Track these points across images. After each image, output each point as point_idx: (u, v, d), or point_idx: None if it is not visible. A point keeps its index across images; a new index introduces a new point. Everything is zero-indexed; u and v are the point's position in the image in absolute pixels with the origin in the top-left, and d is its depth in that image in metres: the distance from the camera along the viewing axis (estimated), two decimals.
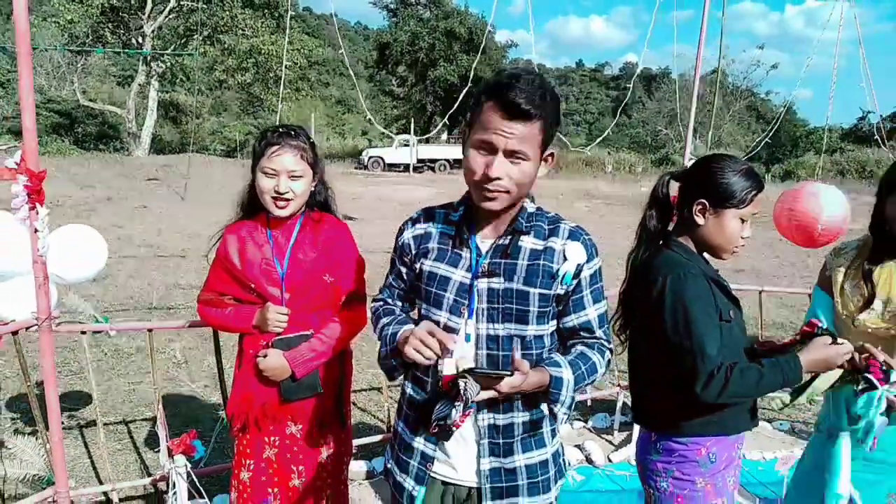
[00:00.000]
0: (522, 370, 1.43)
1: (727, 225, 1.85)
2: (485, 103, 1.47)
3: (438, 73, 39.80)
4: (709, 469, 1.86)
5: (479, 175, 1.49)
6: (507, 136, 1.43)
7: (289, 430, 2.19)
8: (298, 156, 2.11)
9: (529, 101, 1.42)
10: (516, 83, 1.42)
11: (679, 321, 1.74)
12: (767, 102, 49.26)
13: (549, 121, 1.48)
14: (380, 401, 4.39)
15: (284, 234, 2.20)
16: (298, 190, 2.12)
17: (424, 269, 1.66)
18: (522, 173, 1.49)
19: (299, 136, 2.14)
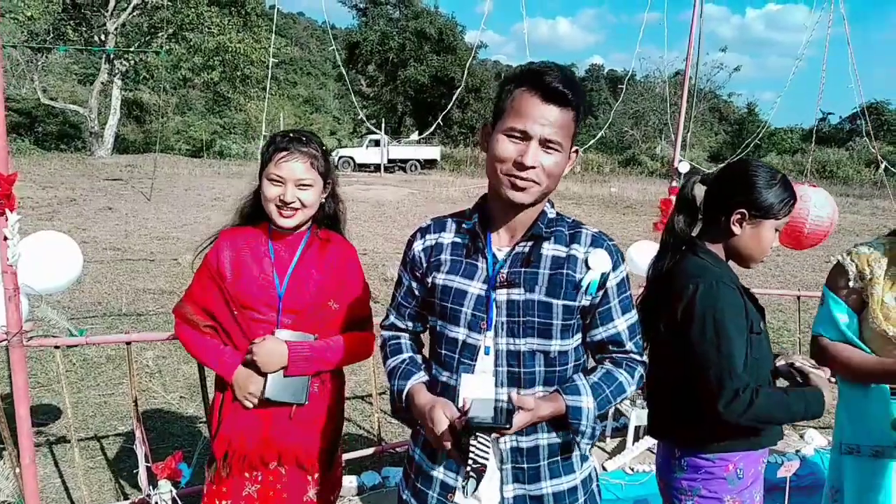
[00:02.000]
0: (526, 407, 1.34)
1: (764, 236, 1.80)
2: (516, 90, 1.41)
3: (409, 74, 39.70)
4: (736, 486, 1.79)
5: (511, 163, 1.40)
6: (542, 122, 1.37)
7: (272, 465, 2.02)
8: (308, 163, 1.95)
9: (568, 85, 1.37)
10: (552, 70, 1.39)
11: (708, 332, 1.67)
12: (730, 104, 50.28)
13: (581, 113, 1.43)
14: (365, 410, 4.27)
15: (287, 250, 2.04)
16: (307, 200, 1.97)
17: (438, 283, 1.55)
18: (555, 164, 1.41)
19: (311, 143, 1.99)
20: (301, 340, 1.97)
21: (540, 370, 1.46)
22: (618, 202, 20.73)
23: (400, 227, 13.91)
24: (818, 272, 10.72)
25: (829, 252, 11.45)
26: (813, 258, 11.14)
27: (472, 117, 40.68)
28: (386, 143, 30.39)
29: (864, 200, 23.11)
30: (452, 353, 1.51)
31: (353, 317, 2.08)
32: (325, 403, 2.06)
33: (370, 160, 31.16)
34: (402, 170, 32.25)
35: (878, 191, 25.40)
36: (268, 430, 1.98)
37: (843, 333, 1.98)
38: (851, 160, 35.59)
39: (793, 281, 9.77)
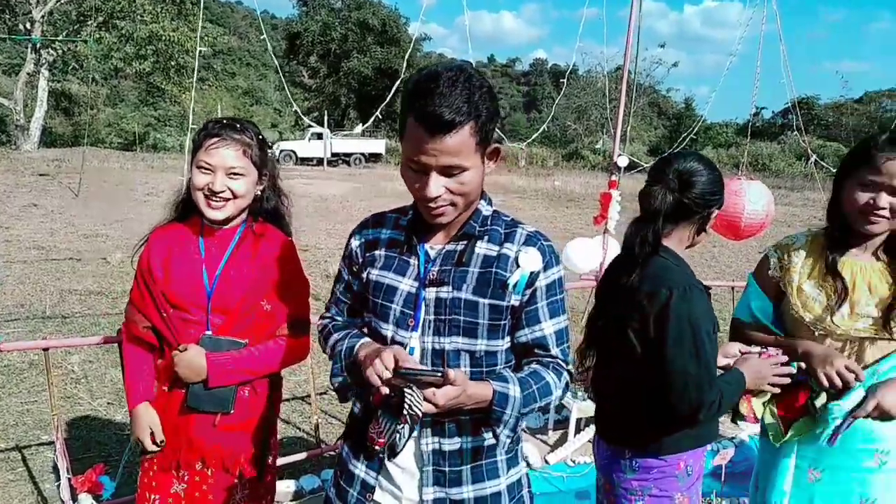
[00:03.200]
0: (456, 381, 1.26)
1: (709, 225, 1.86)
2: (407, 115, 1.31)
3: (352, 65, 39.23)
4: (685, 482, 1.81)
5: (418, 194, 1.36)
6: (435, 153, 1.28)
7: (198, 466, 1.92)
8: (241, 151, 1.85)
9: (452, 108, 1.24)
10: (436, 88, 1.25)
11: (686, 342, 1.64)
12: (668, 99, 51.75)
13: (483, 117, 1.30)
14: (305, 411, 4.15)
15: (219, 246, 1.93)
16: (238, 190, 1.86)
17: (371, 278, 1.51)
18: (462, 184, 1.34)
19: (245, 130, 1.89)
20: (226, 350, 1.87)
21: (465, 370, 1.41)
22: (561, 196, 21.03)
23: (343, 222, 13.71)
24: (752, 262, 11.04)
25: (763, 243, 11.88)
26: (747, 249, 11.51)
27: None
28: (329, 137, 29.91)
29: (795, 192, 24.13)
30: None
31: (289, 318, 1.99)
32: (256, 409, 1.96)
33: (313, 154, 30.66)
34: (346, 163, 31.86)
35: (808, 183, 26.62)
36: (191, 433, 1.89)
37: (757, 319, 2.02)
38: (783, 153, 37.18)
39: (727, 272, 10.09)
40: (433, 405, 1.26)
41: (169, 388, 1.91)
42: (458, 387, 1.27)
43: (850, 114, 43.42)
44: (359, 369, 1.39)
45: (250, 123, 1.95)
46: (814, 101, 45.51)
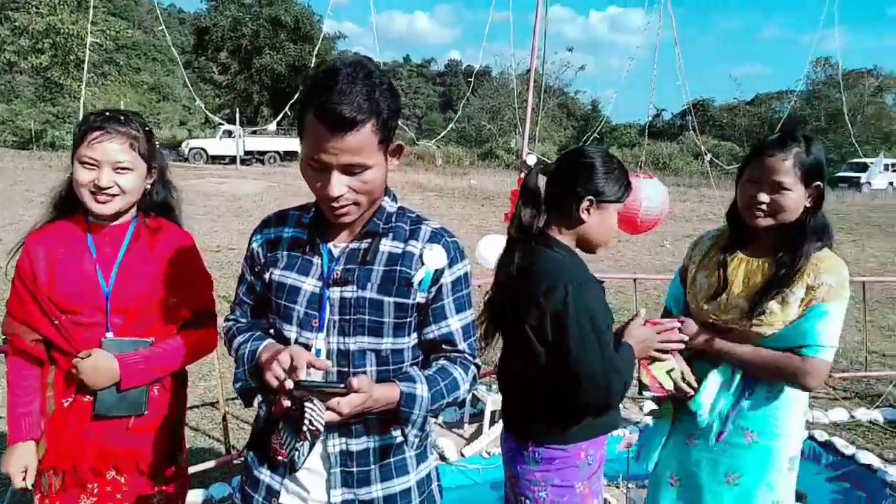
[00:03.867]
0: (361, 389, 1.25)
1: (610, 220, 1.85)
2: (305, 112, 1.29)
3: (264, 62, 38.17)
4: (586, 472, 1.84)
5: (319, 193, 1.35)
6: (335, 152, 1.27)
7: (110, 475, 1.84)
8: (127, 144, 1.77)
9: (353, 106, 1.23)
10: (335, 84, 1.24)
11: (588, 337, 1.68)
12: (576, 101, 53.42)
13: (384, 115, 1.30)
14: (215, 417, 4.04)
15: (111, 244, 1.84)
16: (126, 185, 1.78)
17: (273, 279, 1.48)
18: (365, 183, 1.33)
19: (130, 122, 1.80)
20: (134, 350, 1.81)
21: (371, 370, 1.42)
22: (477, 194, 21.28)
23: (257, 221, 13.27)
24: (652, 255, 11.67)
25: (662, 237, 12.52)
26: (648, 243, 12.08)
27: None
28: (241, 135, 28.98)
29: (692, 189, 25.45)
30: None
31: (193, 311, 1.95)
32: (166, 407, 1.91)
33: (225, 152, 29.63)
34: (261, 162, 30.98)
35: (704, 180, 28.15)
36: (102, 441, 1.81)
37: (673, 305, 2.17)
38: (681, 153, 39.13)
39: (631, 265, 10.53)
40: (338, 414, 1.26)
41: (71, 400, 1.81)
42: (363, 394, 1.27)
43: (743, 115, 46.21)
44: (262, 372, 1.36)
45: (135, 115, 1.87)
46: (709, 102, 48.18)
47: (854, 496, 3.45)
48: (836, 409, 4.53)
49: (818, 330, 1.80)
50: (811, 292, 1.81)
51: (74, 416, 1.81)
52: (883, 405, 4.65)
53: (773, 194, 1.84)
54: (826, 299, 1.80)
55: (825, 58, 40.42)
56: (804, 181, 1.83)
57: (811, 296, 1.81)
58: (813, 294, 1.81)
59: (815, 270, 1.82)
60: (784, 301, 1.83)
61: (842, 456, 3.70)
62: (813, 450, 3.78)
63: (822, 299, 1.79)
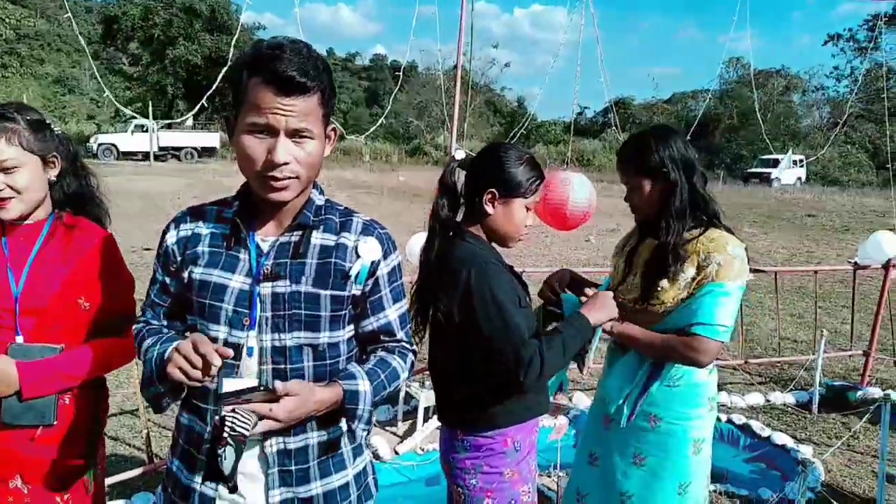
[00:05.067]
0: (290, 392, 1.26)
1: (515, 214, 1.88)
2: (249, 80, 1.27)
3: (178, 53, 36.74)
4: (514, 458, 1.87)
5: (262, 163, 1.29)
6: (286, 113, 1.25)
7: (13, 483, 1.71)
8: (6, 139, 1.64)
9: (302, 71, 1.25)
10: (283, 53, 1.25)
11: (491, 312, 1.72)
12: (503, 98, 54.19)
13: (327, 91, 1.32)
14: (135, 426, 3.83)
15: (25, 243, 1.72)
16: (19, 184, 1.65)
17: (194, 277, 1.40)
18: (310, 154, 1.31)
19: (8, 117, 1.67)
20: (41, 357, 1.68)
21: (308, 365, 1.39)
22: (406, 190, 21.25)
23: None
24: (578, 250, 11.99)
25: (587, 231, 12.87)
26: (576, 238, 12.40)
27: None
28: (154, 129, 27.68)
29: (616, 185, 26.03)
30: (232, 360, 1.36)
31: (110, 316, 1.82)
32: (78, 416, 1.78)
33: (137, 147, 28.25)
34: (177, 158, 29.73)
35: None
36: (6, 447, 1.68)
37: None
38: (604, 149, 40.44)
39: (558, 259, 10.77)
40: (274, 420, 1.24)
41: None
42: (298, 397, 1.26)
43: (661, 113, 48.16)
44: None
45: (13, 105, 1.73)
46: (629, 101, 49.93)
47: (770, 475, 3.63)
48: (752, 393, 4.77)
49: (708, 308, 1.87)
50: (702, 271, 1.90)
51: None
52: (795, 388, 4.93)
53: (629, 194, 2.08)
54: (717, 278, 1.88)
55: (737, 58, 42.64)
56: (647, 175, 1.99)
57: (703, 275, 1.90)
58: (704, 273, 1.89)
59: (705, 250, 1.91)
60: (674, 279, 1.93)
61: (758, 438, 3.87)
62: (731, 432, 3.95)
63: (713, 278, 1.88)
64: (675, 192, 1.95)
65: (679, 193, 1.95)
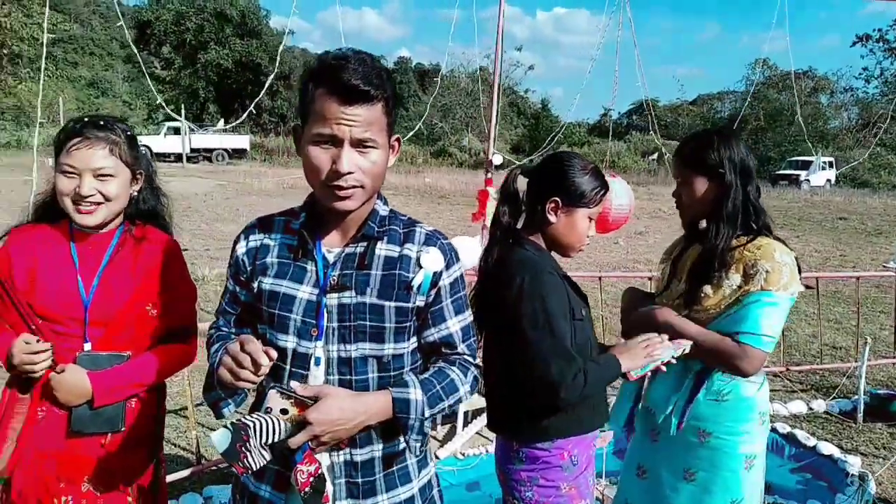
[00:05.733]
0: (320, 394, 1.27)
1: (578, 223, 1.86)
2: (315, 91, 1.29)
3: (209, 57, 37.32)
4: (572, 472, 1.84)
5: (326, 173, 1.31)
6: (349, 123, 1.27)
7: (85, 487, 1.76)
8: (107, 150, 1.71)
9: (366, 80, 1.26)
10: (347, 63, 1.27)
11: (539, 320, 1.70)
12: (526, 100, 53.97)
13: (391, 101, 1.34)
14: (180, 426, 3.90)
15: (94, 253, 1.77)
16: (109, 193, 1.72)
17: (264, 288, 1.42)
18: (374, 164, 1.33)
19: (110, 127, 1.74)
20: (109, 365, 1.73)
21: (373, 376, 1.40)
22: (432, 192, 21.29)
23: (209, 221, 13.05)
24: (608, 253, 11.89)
25: (617, 234, 12.76)
26: (605, 241, 12.29)
27: (282, 105, 39.42)
28: (187, 132, 28.16)
29: (641, 187, 26.06)
30: (283, 363, 1.39)
31: (175, 324, 1.88)
32: (143, 419, 1.84)
33: (169, 149, 28.76)
34: (208, 160, 30.25)
35: (651, 178, 28.87)
36: (75, 453, 1.74)
37: None
38: (629, 151, 40.06)
39: (587, 263, 10.69)
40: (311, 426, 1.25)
41: (45, 411, 1.73)
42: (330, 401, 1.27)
43: (686, 114, 47.55)
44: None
45: (116, 119, 1.82)
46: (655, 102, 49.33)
47: (817, 486, 3.56)
48: (794, 401, 4.69)
49: (754, 317, 1.84)
50: (749, 279, 1.85)
51: (48, 427, 1.73)
52: (838, 396, 4.83)
53: (679, 189, 2.02)
54: (765, 286, 1.83)
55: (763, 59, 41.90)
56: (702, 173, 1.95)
57: (749, 283, 1.85)
58: (750, 281, 1.85)
59: (752, 257, 1.87)
60: (718, 286, 1.89)
61: (804, 447, 3.81)
62: (776, 442, 3.89)
63: (760, 287, 1.84)
64: (729, 195, 1.92)
65: (732, 197, 1.91)
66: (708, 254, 1.92)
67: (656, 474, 2.09)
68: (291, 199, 7.63)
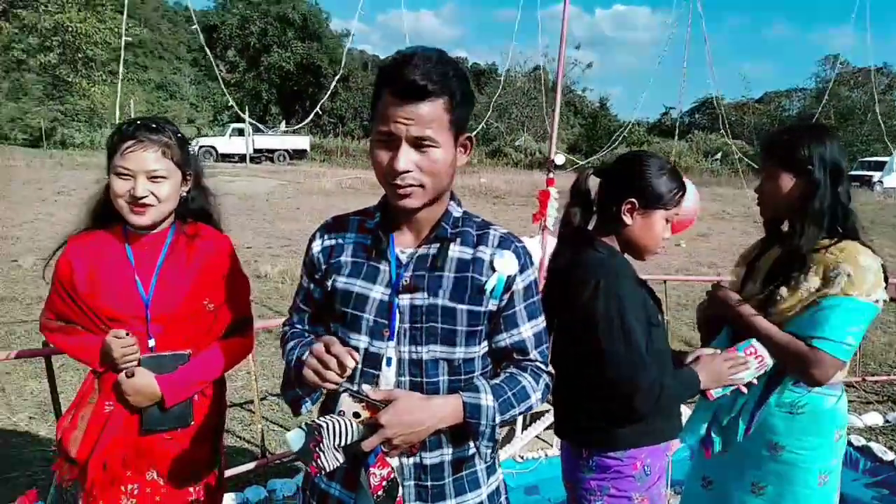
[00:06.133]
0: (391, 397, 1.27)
1: (654, 225, 1.80)
2: (381, 90, 1.30)
3: (273, 60, 38.28)
4: (644, 482, 1.79)
5: (385, 171, 1.31)
6: (405, 121, 1.26)
7: (150, 476, 1.84)
8: (160, 153, 1.76)
9: (425, 76, 1.24)
10: (410, 60, 1.26)
11: (614, 329, 1.64)
12: (584, 99, 53.17)
13: (456, 98, 1.30)
14: (244, 419, 4.01)
15: (149, 253, 1.83)
16: (162, 194, 1.77)
17: (338, 286, 1.43)
18: (433, 162, 1.30)
19: (162, 130, 1.78)
20: (170, 366, 1.80)
21: (444, 379, 1.38)
22: (488, 192, 21.22)
23: (271, 220, 13.37)
24: (669, 255, 11.58)
25: (680, 237, 12.43)
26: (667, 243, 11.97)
27: (340, 106, 40.04)
28: (251, 133, 29.02)
29: (703, 188, 25.17)
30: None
31: (232, 318, 1.93)
32: (205, 411, 1.91)
33: (234, 150, 29.68)
34: (270, 160, 31.02)
35: (714, 178, 27.98)
36: (141, 445, 1.81)
37: None
38: (691, 150, 38.97)
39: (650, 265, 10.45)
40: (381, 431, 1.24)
41: (113, 405, 1.80)
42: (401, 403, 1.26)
43: (753, 113, 45.91)
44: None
45: (167, 122, 1.86)
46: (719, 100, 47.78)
47: (892, 502, 3.39)
48: (870, 413, 4.47)
49: (833, 322, 1.74)
50: (828, 283, 1.76)
51: (116, 420, 1.80)
52: None
53: (763, 184, 1.96)
54: (845, 291, 1.74)
55: (834, 56, 40.07)
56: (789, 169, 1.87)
57: (829, 286, 1.76)
58: (830, 284, 1.76)
59: (834, 260, 1.77)
60: (794, 288, 1.81)
61: (880, 461, 3.64)
62: (850, 455, 3.71)
63: (840, 290, 1.74)
64: (816, 194, 1.83)
65: (819, 197, 1.83)
66: (789, 255, 1.85)
67: (723, 486, 2.02)
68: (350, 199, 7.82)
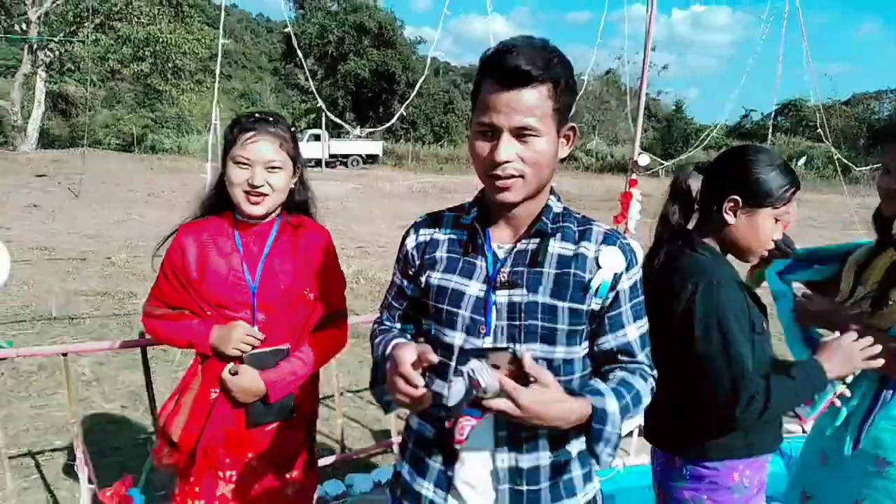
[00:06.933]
0: (540, 379, 1.14)
1: (761, 225, 1.67)
2: (482, 80, 1.26)
3: (349, 68, 39.18)
4: (743, 495, 1.68)
5: (485, 162, 1.27)
6: (507, 110, 1.21)
7: (248, 462, 1.88)
8: (277, 144, 1.82)
9: (528, 60, 1.19)
10: (513, 48, 1.22)
11: (714, 337, 1.55)
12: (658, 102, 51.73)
13: (561, 84, 1.24)
14: (324, 413, 4.08)
15: (257, 241, 1.89)
16: (277, 184, 1.83)
17: (432, 282, 1.39)
18: (535, 152, 1.25)
19: (278, 123, 1.85)
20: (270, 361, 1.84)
21: None
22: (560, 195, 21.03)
23: (346, 221, 13.67)
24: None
25: None
26: None
27: (412, 113, 40.53)
28: (326, 138, 29.91)
29: None
30: (448, 360, 1.35)
31: (328, 309, 1.97)
32: (303, 402, 1.96)
33: (310, 155, 30.63)
34: (344, 165, 31.88)
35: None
36: (241, 432, 1.86)
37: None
38: None
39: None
40: (514, 403, 1.12)
41: (218, 392, 1.86)
42: (546, 391, 1.16)
43: (839, 116, 43.44)
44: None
45: (281, 117, 1.92)
46: (802, 102, 45.47)
47: None
48: None
49: None
50: None
51: (221, 409, 1.85)
52: None
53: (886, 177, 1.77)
54: None
55: None
56: None
57: None
58: None
59: None
60: None
61: None
62: None
63: None
64: None
65: None
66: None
67: (823, 501, 1.91)
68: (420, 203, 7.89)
